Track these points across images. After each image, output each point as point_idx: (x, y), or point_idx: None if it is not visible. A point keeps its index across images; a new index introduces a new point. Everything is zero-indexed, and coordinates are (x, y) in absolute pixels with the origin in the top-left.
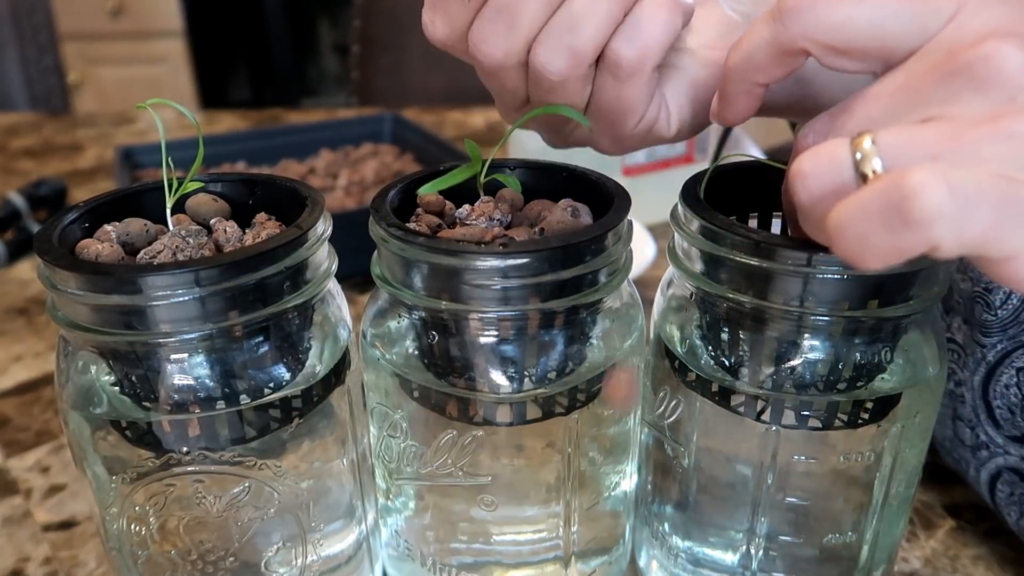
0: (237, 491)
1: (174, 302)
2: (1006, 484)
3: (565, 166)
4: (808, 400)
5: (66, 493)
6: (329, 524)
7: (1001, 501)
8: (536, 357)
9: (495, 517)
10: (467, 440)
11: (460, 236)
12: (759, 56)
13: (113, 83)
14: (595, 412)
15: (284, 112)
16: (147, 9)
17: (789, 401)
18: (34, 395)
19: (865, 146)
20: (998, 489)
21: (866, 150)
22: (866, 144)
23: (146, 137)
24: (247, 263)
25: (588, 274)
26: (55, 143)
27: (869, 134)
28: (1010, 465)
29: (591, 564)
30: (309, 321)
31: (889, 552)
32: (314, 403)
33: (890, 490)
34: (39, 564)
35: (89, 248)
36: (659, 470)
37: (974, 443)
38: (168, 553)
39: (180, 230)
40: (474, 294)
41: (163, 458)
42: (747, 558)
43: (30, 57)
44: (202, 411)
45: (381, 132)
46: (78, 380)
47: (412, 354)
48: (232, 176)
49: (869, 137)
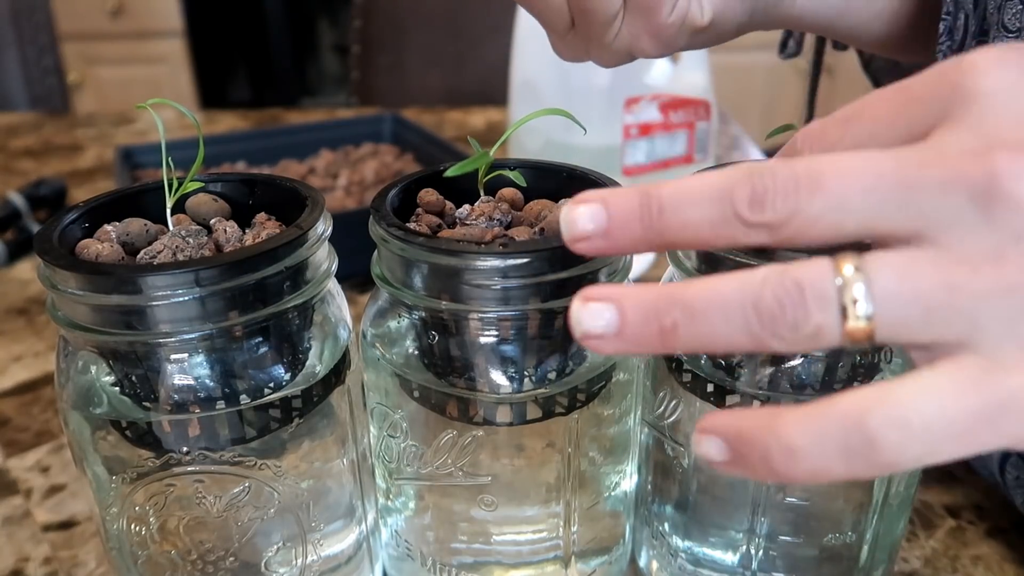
0: (237, 491)
1: (174, 302)
2: (1013, 467)
3: (565, 166)
4: (806, 400)
5: (66, 493)
6: (329, 524)
7: (1010, 483)
8: (536, 357)
9: (495, 517)
10: (467, 440)
11: (460, 236)
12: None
13: (113, 83)
14: (595, 412)
15: (284, 112)
16: (147, 9)
17: (787, 402)
18: (34, 395)
19: (847, 273)
20: (1007, 471)
21: (848, 282)
22: (848, 272)
23: (146, 137)
24: (247, 263)
25: (588, 274)
26: (55, 143)
27: (854, 264)
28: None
29: (591, 564)
30: (309, 321)
31: (889, 552)
32: (314, 403)
33: (890, 490)
34: (39, 564)
35: (89, 248)
36: (659, 470)
37: None
38: (168, 553)
39: (180, 230)
40: (474, 294)
41: (163, 458)
42: (747, 558)
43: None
44: (202, 411)
45: (381, 132)
46: (78, 380)
47: (412, 354)
48: (232, 176)
49: (853, 266)
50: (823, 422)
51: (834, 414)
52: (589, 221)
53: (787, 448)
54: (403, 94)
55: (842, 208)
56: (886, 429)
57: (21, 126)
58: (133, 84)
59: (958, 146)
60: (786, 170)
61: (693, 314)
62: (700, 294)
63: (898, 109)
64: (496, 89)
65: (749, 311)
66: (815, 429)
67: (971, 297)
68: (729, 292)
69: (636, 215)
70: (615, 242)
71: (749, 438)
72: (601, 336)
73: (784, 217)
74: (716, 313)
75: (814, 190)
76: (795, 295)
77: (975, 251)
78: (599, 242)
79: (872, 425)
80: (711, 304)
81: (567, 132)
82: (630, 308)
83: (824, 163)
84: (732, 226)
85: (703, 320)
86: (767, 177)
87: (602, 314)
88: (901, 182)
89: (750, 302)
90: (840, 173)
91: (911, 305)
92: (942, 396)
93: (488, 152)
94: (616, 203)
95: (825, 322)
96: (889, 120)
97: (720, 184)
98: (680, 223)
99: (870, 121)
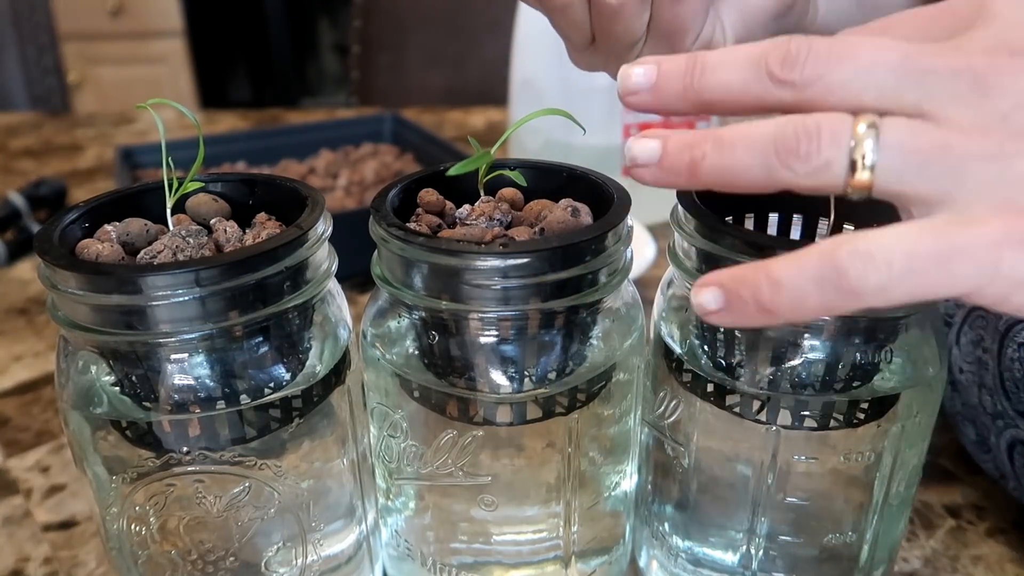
0: (237, 491)
1: (174, 302)
2: (1020, 455)
3: (565, 166)
4: (805, 400)
5: (66, 493)
6: (329, 524)
7: (1019, 470)
8: (536, 357)
9: (495, 517)
10: (467, 440)
11: (460, 236)
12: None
13: (113, 83)
14: (595, 412)
15: (284, 112)
16: (147, 9)
17: (787, 401)
18: (34, 395)
19: (862, 128)
20: (1015, 458)
21: (861, 135)
22: (863, 126)
23: (146, 137)
24: (247, 263)
25: (588, 274)
26: (55, 143)
27: (869, 120)
28: (1021, 438)
29: (591, 564)
30: (309, 321)
31: (889, 552)
32: (314, 403)
33: (890, 490)
34: (39, 564)
35: (89, 248)
36: (659, 470)
37: (993, 411)
38: (168, 553)
39: (180, 230)
40: (474, 294)
41: (163, 458)
42: (747, 558)
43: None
44: (202, 411)
45: (381, 132)
46: (78, 380)
47: (412, 354)
48: (232, 176)
49: (867, 123)
50: (804, 258)
51: (814, 250)
52: (641, 76)
53: (774, 281)
54: (403, 94)
55: (864, 80)
56: (853, 258)
57: (21, 126)
58: (133, 84)
59: (972, 45)
60: (821, 41)
61: (721, 146)
62: (733, 131)
63: (929, 21)
64: (496, 89)
65: (769, 144)
66: (797, 263)
67: (960, 158)
68: (757, 130)
69: (681, 72)
70: (660, 98)
71: (742, 276)
72: (646, 165)
73: (810, 78)
74: (741, 145)
75: (843, 59)
76: (812, 131)
77: (970, 124)
78: (646, 96)
79: (841, 255)
80: (739, 139)
81: (567, 132)
82: (671, 142)
83: (856, 40)
84: (762, 83)
85: (729, 151)
86: (803, 42)
87: (649, 145)
88: (920, 65)
89: (772, 136)
90: (869, 48)
91: (910, 157)
92: (906, 238)
93: (488, 152)
94: (666, 62)
95: (834, 157)
96: (922, 27)
97: (760, 48)
98: (717, 81)
99: (907, 28)
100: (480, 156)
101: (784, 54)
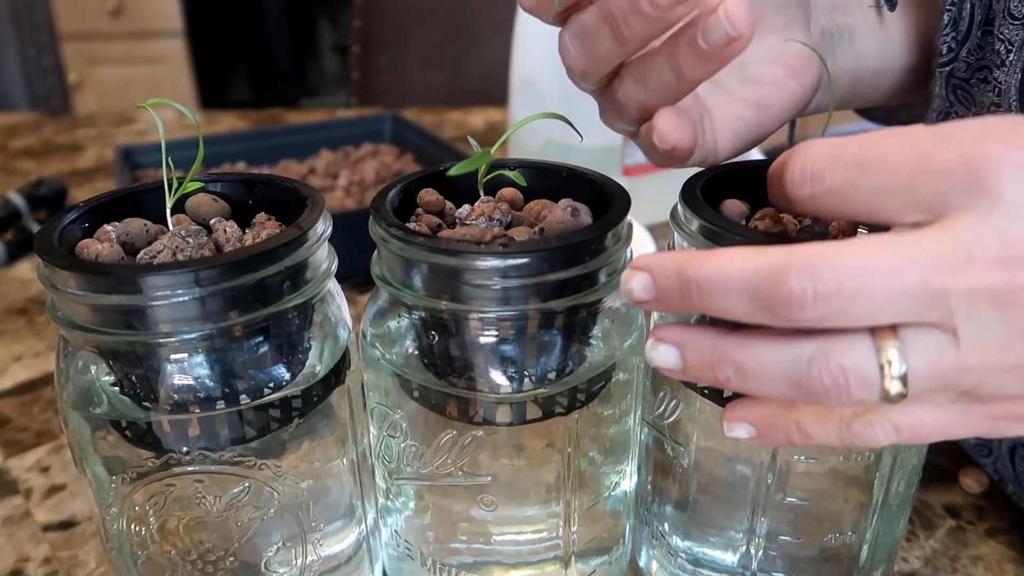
0: (237, 491)
1: (174, 302)
2: (1021, 459)
3: (565, 166)
4: None
5: (66, 493)
6: (329, 524)
7: (1020, 474)
8: (536, 357)
9: (495, 517)
10: (467, 440)
11: (460, 236)
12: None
13: (113, 83)
14: (595, 412)
15: (284, 112)
16: (147, 9)
17: None
18: (34, 395)
19: (887, 368)
20: (1016, 462)
21: (888, 372)
22: (888, 364)
23: (146, 137)
24: (247, 263)
25: (588, 274)
26: (55, 143)
27: (894, 354)
28: (1022, 441)
29: (591, 564)
30: (309, 321)
31: (889, 552)
32: (314, 403)
33: (890, 490)
34: (39, 564)
35: (89, 248)
36: (659, 470)
37: None
38: (168, 553)
39: (180, 230)
40: (474, 294)
41: (163, 458)
42: (747, 558)
43: (30, 57)
44: (202, 411)
45: (381, 132)
46: (78, 380)
47: (412, 354)
48: (232, 176)
49: (892, 357)
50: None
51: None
52: (643, 292)
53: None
54: (403, 94)
55: (884, 309)
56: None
57: (21, 126)
58: (133, 84)
59: (983, 252)
60: (827, 271)
61: (744, 375)
62: (751, 358)
63: (916, 176)
64: (496, 89)
65: (795, 386)
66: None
67: (980, 374)
68: (778, 365)
69: (677, 294)
70: (667, 308)
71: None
72: (671, 371)
73: (825, 315)
74: (764, 378)
75: (858, 294)
76: (840, 380)
77: (989, 342)
78: (655, 306)
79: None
80: (761, 373)
81: (567, 132)
82: (691, 355)
83: (862, 264)
84: (769, 316)
85: (753, 381)
86: (805, 278)
87: (668, 356)
88: (937, 287)
89: (797, 380)
90: (883, 277)
91: (933, 381)
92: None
93: (488, 152)
94: (659, 281)
95: (866, 397)
96: (906, 184)
97: (756, 277)
98: (716, 308)
99: (886, 177)
100: (480, 156)
101: (788, 297)
